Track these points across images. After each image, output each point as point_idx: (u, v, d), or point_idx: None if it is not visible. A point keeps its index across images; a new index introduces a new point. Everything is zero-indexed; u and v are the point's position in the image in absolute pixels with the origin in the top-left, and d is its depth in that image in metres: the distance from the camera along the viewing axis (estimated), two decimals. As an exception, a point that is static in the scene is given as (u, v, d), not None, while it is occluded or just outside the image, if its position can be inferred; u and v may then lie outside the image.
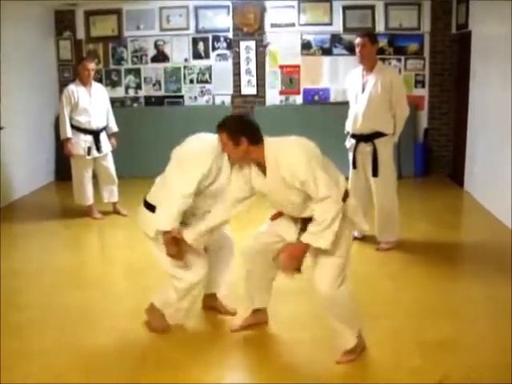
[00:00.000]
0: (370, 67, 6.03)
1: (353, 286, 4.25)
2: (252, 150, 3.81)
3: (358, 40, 6.00)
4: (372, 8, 9.93)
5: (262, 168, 3.85)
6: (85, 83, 7.52)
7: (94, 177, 7.83)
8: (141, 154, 10.11)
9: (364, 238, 6.47)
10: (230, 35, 10.16)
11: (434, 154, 10.22)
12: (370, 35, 6.15)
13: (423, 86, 10.14)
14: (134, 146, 9.89)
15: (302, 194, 3.73)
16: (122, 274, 6.09)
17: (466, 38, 9.07)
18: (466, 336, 4.42)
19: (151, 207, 4.42)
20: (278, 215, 4.17)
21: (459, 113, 9.61)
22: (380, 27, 9.94)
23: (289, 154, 3.71)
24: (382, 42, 9.75)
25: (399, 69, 9.93)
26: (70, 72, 10.30)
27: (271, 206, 4.12)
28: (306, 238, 3.78)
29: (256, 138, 3.81)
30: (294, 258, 3.87)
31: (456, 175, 9.59)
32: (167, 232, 4.14)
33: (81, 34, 10.43)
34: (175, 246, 4.16)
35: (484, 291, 5.21)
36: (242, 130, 3.81)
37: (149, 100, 10.52)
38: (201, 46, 10.26)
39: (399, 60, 10.03)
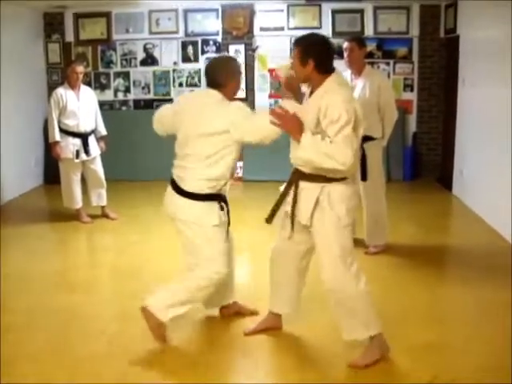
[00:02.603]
0: (358, 71, 6.05)
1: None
2: (315, 76, 3.79)
3: (345, 44, 6.02)
4: (361, 12, 9.96)
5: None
6: (73, 86, 7.50)
7: (83, 180, 7.81)
8: (130, 158, 10.11)
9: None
10: (220, 39, 10.17)
11: (423, 157, 10.26)
12: (358, 40, 6.16)
13: (412, 90, 10.18)
14: (122, 149, 9.88)
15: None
16: (110, 278, 6.07)
17: (454, 43, 9.12)
18: (454, 338, 4.44)
19: (197, 196, 4.17)
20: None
21: (448, 116, 9.66)
22: (369, 31, 9.98)
23: (338, 93, 3.69)
24: (371, 46, 9.78)
25: (388, 73, 9.97)
26: (59, 75, 10.28)
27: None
28: (306, 134, 3.72)
29: (323, 67, 3.78)
30: (284, 119, 3.85)
31: (445, 179, 9.62)
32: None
33: (70, 36, 10.41)
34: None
35: (472, 294, 5.22)
36: (313, 51, 3.76)
37: (138, 103, 10.52)
38: (190, 49, 10.27)
39: (388, 64, 10.06)
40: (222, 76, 4.17)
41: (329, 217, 3.83)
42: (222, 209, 4.22)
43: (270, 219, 4.15)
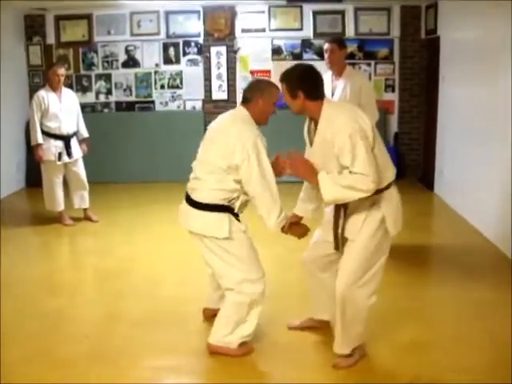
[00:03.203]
0: (338, 72, 6.06)
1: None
2: (308, 104, 3.79)
3: (326, 46, 6.02)
4: (342, 13, 10.01)
5: (316, 125, 3.84)
6: (55, 89, 7.49)
7: (65, 183, 7.78)
8: (112, 160, 10.10)
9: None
10: (201, 40, 10.18)
11: (405, 157, 10.32)
12: (338, 41, 6.16)
13: (393, 91, 10.24)
14: (105, 151, 9.87)
15: (339, 165, 3.66)
16: (94, 280, 6.07)
17: (434, 43, 9.18)
18: (436, 338, 4.48)
19: (208, 207, 4.08)
20: (293, 223, 4.15)
21: (429, 117, 9.72)
22: (350, 32, 10.03)
23: (339, 118, 3.68)
24: (352, 47, 9.85)
25: (369, 73, 10.03)
26: (40, 77, 10.24)
27: None
28: (322, 175, 3.69)
29: (313, 94, 3.78)
30: (295, 166, 3.85)
31: (426, 178, 9.69)
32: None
33: (51, 39, 10.37)
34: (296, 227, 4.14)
35: (454, 293, 5.27)
36: (300, 83, 3.77)
37: (120, 105, 10.49)
38: (171, 51, 10.26)
39: (369, 65, 10.12)
40: (251, 90, 4.16)
41: (375, 230, 3.83)
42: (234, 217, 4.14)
43: (337, 247, 4.03)
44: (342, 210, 3.88)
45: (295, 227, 4.14)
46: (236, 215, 4.16)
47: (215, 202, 4.03)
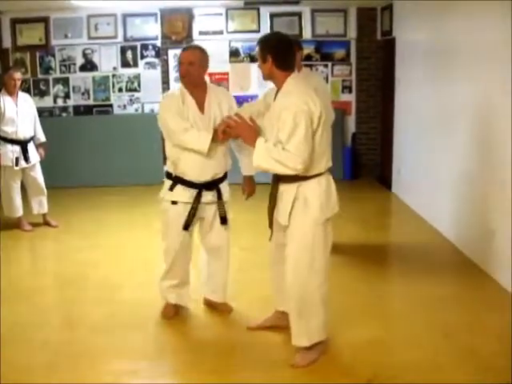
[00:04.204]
0: (295, 74, 6.11)
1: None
2: (276, 72, 3.91)
3: (282, 47, 6.07)
4: (299, 15, 10.09)
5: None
6: (11, 93, 7.42)
7: (23, 188, 7.72)
8: (70, 164, 10.03)
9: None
10: (159, 43, 10.19)
11: (363, 157, 10.44)
12: (295, 42, 6.21)
13: (350, 92, 10.36)
14: (63, 155, 9.80)
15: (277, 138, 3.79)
16: (52, 286, 6.02)
17: (390, 44, 9.31)
18: (394, 335, 4.55)
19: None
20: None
21: (386, 117, 9.85)
22: (307, 34, 10.12)
23: (292, 95, 3.80)
24: (309, 49, 9.96)
25: (326, 75, 10.14)
26: (-4, 82, 10.14)
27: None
28: (259, 142, 3.86)
29: (281, 62, 3.89)
30: (237, 126, 4.09)
31: (384, 178, 9.82)
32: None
33: (7, 42, 10.26)
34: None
35: (411, 291, 5.36)
36: (270, 48, 3.90)
37: (78, 109, 10.43)
38: (129, 54, 10.25)
39: (326, 66, 10.22)
40: None
41: (305, 216, 3.91)
42: None
43: (271, 224, 4.19)
44: (275, 188, 4.03)
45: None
46: None
47: None
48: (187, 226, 4.57)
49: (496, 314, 4.80)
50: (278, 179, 3.98)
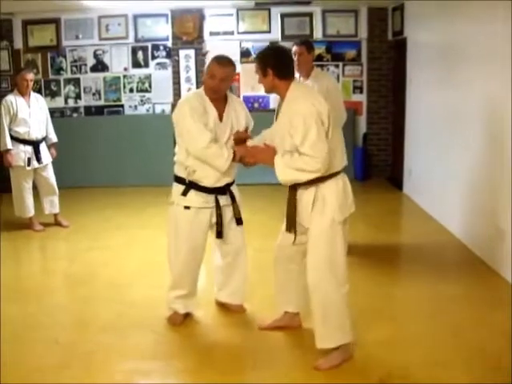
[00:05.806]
0: (306, 74, 6.11)
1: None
2: (278, 83, 3.97)
3: (294, 48, 6.06)
4: (310, 15, 10.08)
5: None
6: (23, 94, 7.45)
7: (34, 188, 7.75)
8: (81, 164, 10.08)
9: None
10: (170, 44, 10.19)
11: (374, 158, 10.41)
12: (307, 43, 6.22)
13: (361, 92, 10.33)
14: (74, 156, 9.85)
15: (293, 145, 3.82)
16: (63, 286, 6.04)
17: (401, 45, 9.29)
18: (407, 335, 4.53)
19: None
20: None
21: (397, 117, 9.82)
22: (318, 34, 10.11)
23: (299, 100, 3.86)
24: (320, 49, 9.94)
25: (337, 75, 10.12)
26: (8, 82, 10.17)
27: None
28: (276, 159, 3.89)
29: (282, 72, 3.95)
30: (252, 154, 4.20)
31: (395, 178, 9.79)
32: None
33: (19, 43, 10.31)
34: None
35: (423, 291, 5.34)
36: (269, 61, 3.95)
37: (89, 110, 10.46)
38: (140, 54, 10.27)
39: (337, 66, 10.20)
40: None
41: (323, 216, 3.92)
42: None
43: (289, 229, 4.15)
44: (293, 192, 4.04)
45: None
46: None
47: None
48: (220, 234, 4.65)
49: (507, 312, 4.77)
50: (295, 184, 3.99)
